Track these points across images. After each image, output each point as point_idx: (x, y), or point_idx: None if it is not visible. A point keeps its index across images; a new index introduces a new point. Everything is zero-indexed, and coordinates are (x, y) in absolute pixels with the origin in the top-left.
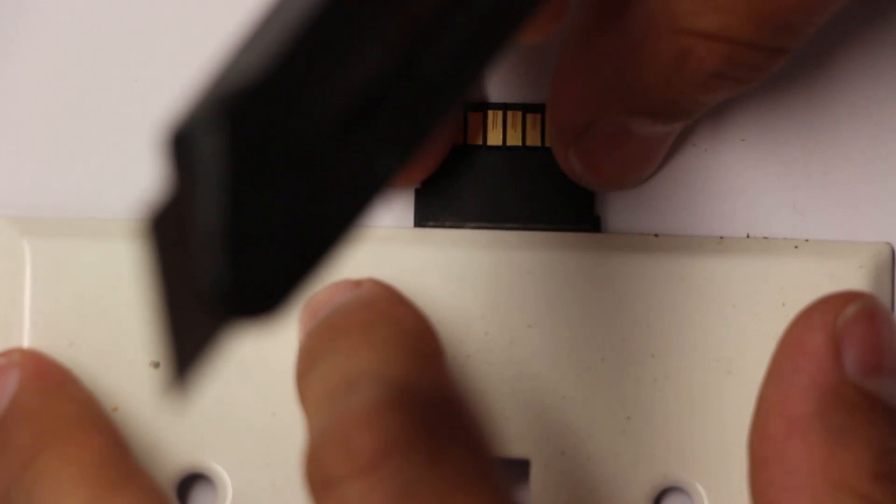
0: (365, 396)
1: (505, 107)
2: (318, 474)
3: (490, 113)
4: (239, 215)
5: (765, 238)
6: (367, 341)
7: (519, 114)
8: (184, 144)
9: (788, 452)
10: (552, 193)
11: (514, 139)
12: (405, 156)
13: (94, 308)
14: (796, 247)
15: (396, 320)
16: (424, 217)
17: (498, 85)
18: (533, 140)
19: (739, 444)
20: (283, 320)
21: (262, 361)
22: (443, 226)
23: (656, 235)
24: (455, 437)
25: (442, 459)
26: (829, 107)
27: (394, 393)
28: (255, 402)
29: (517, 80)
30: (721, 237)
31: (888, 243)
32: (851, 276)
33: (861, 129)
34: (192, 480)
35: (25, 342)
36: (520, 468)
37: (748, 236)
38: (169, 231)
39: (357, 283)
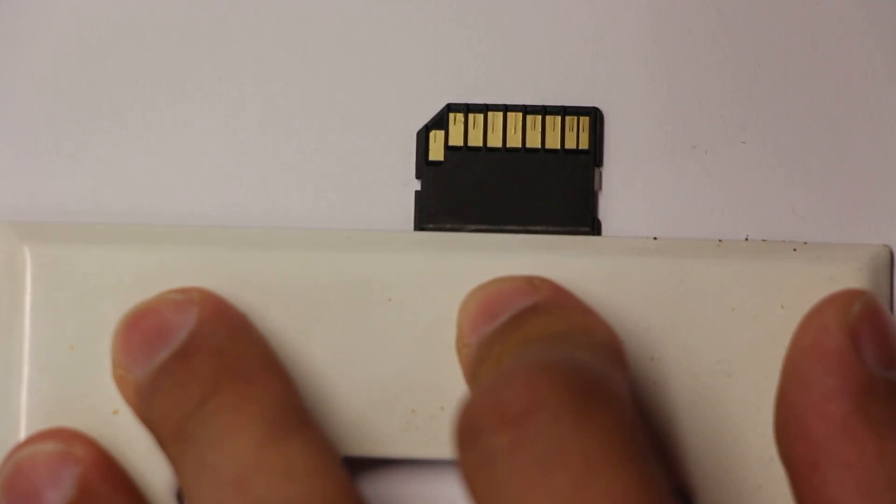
0: (525, 360)
1: (505, 108)
2: (466, 425)
3: (490, 115)
4: None
5: (764, 241)
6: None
7: (519, 115)
8: None
9: (839, 452)
10: (552, 196)
11: (514, 141)
12: None
13: (93, 312)
14: (795, 249)
15: (588, 333)
16: (424, 219)
17: (498, 86)
18: (533, 142)
19: (739, 446)
20: None
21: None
22: (443, 228)
23: (655, 238)
24: (606, 405)
25: (590, 425)
26: (829, 110)
27: (553, 359)
28: None
29: (517, 81)
30: (720, 240)
31: (887, 246)
32: (850, 278)
33: (860, 132)
34: None
35: (26, 346)
36: None
37: (747, 239)
38: None
39: (531, 283)
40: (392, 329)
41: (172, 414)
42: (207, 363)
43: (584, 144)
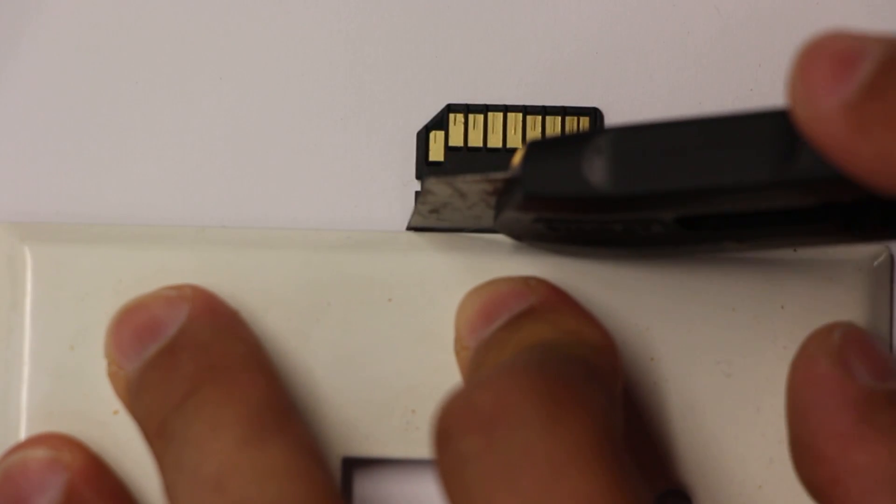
0: (501, 364)
1: (505, 109)
2: (441, 428)
3: (490, 115)
4: None
5: None
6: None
7: (519, 116)
8: None
9: (853, 462)
10: None
11: (514, 142)
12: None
13: (94, 312)
14: (795, 250)
15: (581, 339)
16: None
17: (498, 86)
18: None
19: (739, 446)
20: None
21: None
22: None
23: None
24: (576, 410)
25: (559, 429)
26: None
27: (527, 364)
28: None
29: (517, 81)
30: None
31: (887, 247)
32: (850, 279)
33: None
34: None
35: (26, 346)
36: None
37: None
38: None
39: (527, 284)
40: (392, 329)
41: (156, 410)
42: (191, 360)
43: None
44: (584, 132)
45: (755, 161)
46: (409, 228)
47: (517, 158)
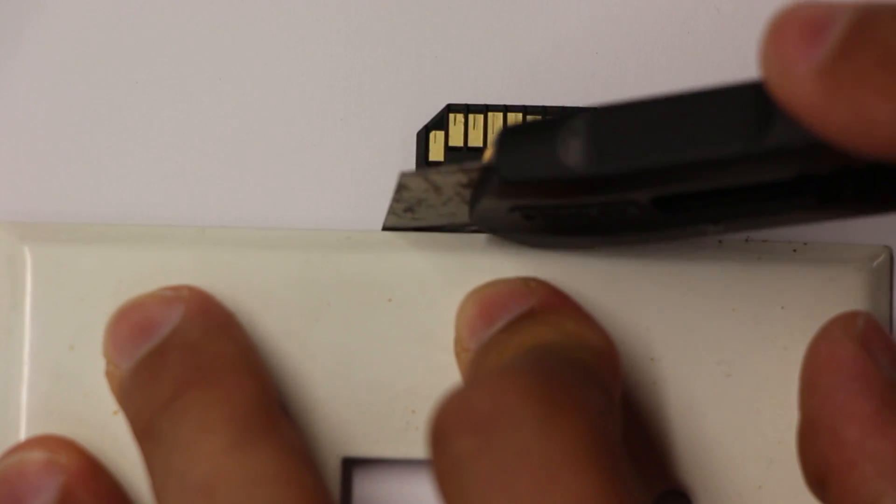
0: (498, 365)
1: (505, 108)
2: (436, 430)
3: (490, 115)
4: None
5: (764, 241)
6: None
7: (519, 116)
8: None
9: (874, 448)
10: None
11: None
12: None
13: (94, 312)
14: (795, 250)
15: (582, 342)
16: None
17: (498, 86)
18: None
19: (739, 446)
20: None
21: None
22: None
23: None
24: (572, 411)
25: (554, 430)
26: None
27: (523, 366)
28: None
29: (517, 81)
30: (720, 240)
31: (887, 246)
32: (850, 279)
33: None
34: None
35: (26, 346)
36: None
37: (747, 240)
38: None
39: (527, 285)
40: (392, 329)
41: (144, 409)
42: (179, 360)
43: None
44: (558, 117)
45: (730, 132)
46: (385, 229)
47: (490, 147)
